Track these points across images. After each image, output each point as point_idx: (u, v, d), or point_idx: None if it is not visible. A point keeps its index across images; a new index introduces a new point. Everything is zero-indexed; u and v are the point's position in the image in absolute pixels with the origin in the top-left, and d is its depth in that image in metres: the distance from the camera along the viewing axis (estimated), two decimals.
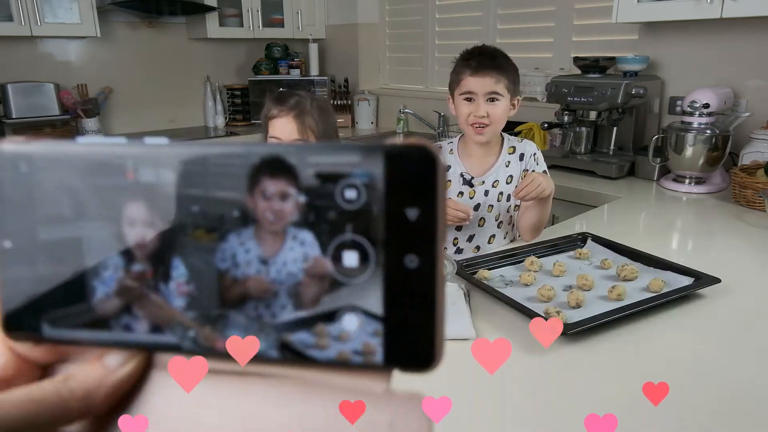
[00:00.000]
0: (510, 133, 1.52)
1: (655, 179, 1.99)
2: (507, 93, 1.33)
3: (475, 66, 1.31)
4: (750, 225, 1.53)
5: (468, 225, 1.46)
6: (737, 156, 1.90)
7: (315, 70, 3.36)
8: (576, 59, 2.13)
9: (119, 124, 3.04)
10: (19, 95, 2.57)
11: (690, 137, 1.80)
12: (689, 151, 1.81)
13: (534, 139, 2.27)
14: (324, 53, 3.51)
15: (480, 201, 1.43)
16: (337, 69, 3.49)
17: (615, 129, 2.08)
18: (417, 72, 3.18)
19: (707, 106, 1.79)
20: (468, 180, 1.43)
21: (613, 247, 1.24)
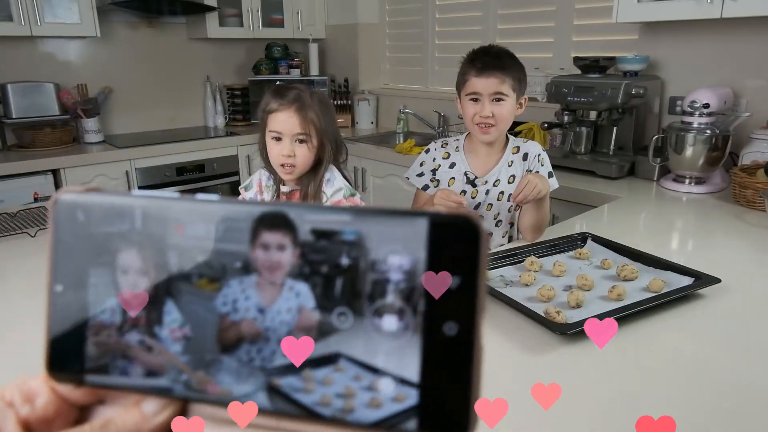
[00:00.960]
0: (510, 134, 1.52)
1: (655, 179, 1.99)
2: (512, 93, 1.34)
3: (480, 67, 1.32)
4: (750, 225, 1.53)
5: None
6: (737, 156, 1.90)
7: (315, 70, 3.36)
8: (576, 59, 2.13)
9: (119, 124, 3.04)
10: (19, 95, 2.57)
11: (690, 137, 1.80)
12: (689, 151, 1.81)
13: (534, 139, 2.27)
14: (324, 53, 3.51)
15: (480, 200, 1.44)
16: (337, 69, 3.49)
17: (615, 129, 2.08)
18: (417, 72, 3.18)
19: (707, 106, 1.79)
20: (471, 180, 1.44)
21: (613, 247, 1.24)
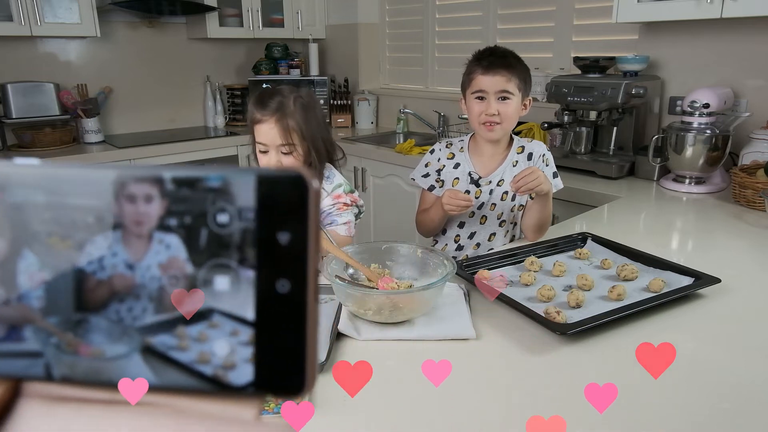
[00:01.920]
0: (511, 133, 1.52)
1: (655, 179, 1.99)
2: (518, 92, 1.35)
3: (487, 65, 1.34)
4: (750, 225, 1.53)
5: (470, 222, 1.46)
6: (737, 156, 1.90)
7: (315, 70, 3.36)
8: (576, 59, 2.14)
9: (119, 123, 3.04)
10: (19, 95, 2.57)
11: (690, 137, 1.80)
12: (689, 151, 1.81)
13: (534, 139, 2.27)
14: (324, 53, 3.51)
15: (484, 199, 1.44)
16: (337, 69, 3.49)
17: (615, 129, 2.08)
18: (417, 72, 3.18)
19: (707, 106, 1.79)
20: (475, 180, 1.44)
21: (613, 247, 1.25)
